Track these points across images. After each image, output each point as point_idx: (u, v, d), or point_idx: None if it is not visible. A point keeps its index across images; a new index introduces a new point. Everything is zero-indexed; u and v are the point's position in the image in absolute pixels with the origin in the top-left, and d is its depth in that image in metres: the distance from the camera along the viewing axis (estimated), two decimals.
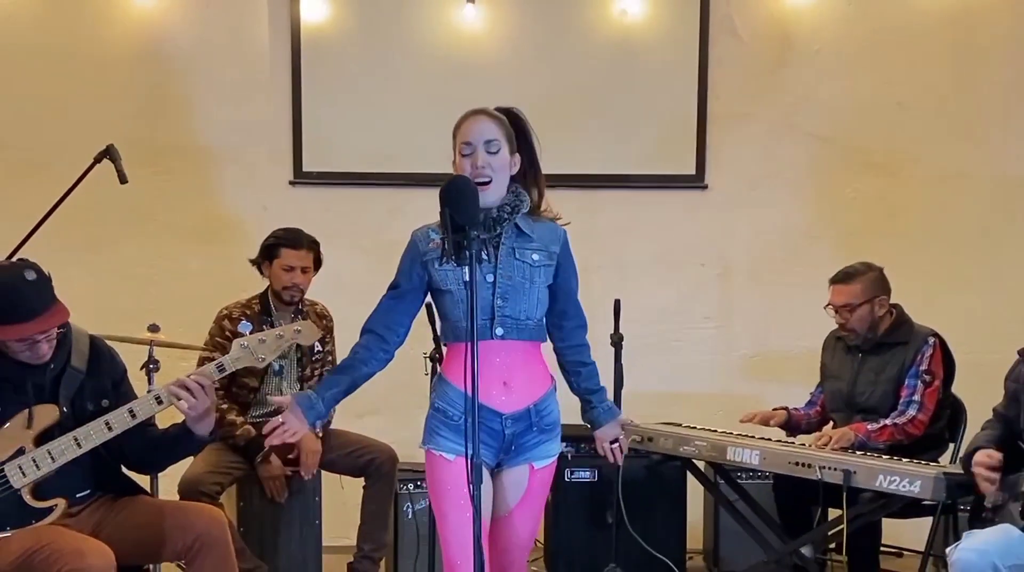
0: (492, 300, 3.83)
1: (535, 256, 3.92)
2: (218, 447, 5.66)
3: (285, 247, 5.74)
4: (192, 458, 5.58)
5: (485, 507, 3.76)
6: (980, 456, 4.24)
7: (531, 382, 3.94)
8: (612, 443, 4.30)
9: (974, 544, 4.06)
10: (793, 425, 5.73)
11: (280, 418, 3.92)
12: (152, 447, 4.47)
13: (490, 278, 3.83)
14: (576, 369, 4.12)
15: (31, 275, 4.17)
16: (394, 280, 3.99)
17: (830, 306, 5.65)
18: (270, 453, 5.64)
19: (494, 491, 3.95)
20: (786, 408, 5.84)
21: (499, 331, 3.84)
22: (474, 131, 3.85)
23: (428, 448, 3.93)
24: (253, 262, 5.81)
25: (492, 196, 3.83)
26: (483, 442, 3.70)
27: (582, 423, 6.25)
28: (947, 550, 4.17)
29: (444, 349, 4.11)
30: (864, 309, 5.55)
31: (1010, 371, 4.42)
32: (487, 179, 3.80)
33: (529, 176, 3.97)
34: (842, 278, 5.59)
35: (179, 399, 4.25)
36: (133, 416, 4.29)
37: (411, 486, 6.03)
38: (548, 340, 4.07)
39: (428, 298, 4.06)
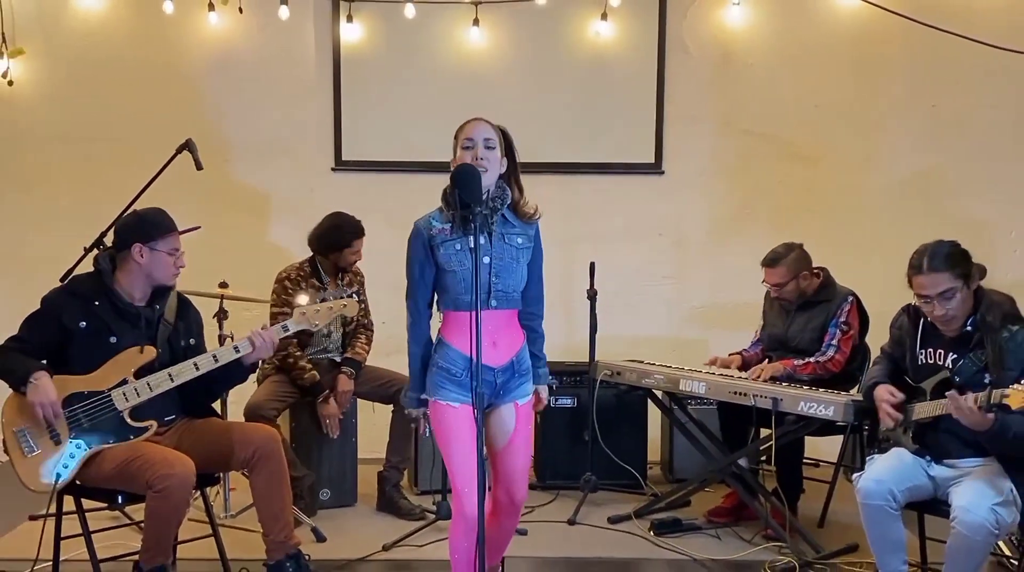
0: (488, 277, 3.83)
1: (519, 240, 3.93)
2: (275, 380, 5.70)
3: (355, 238, 5.77)
4: (255, 388, 5.64)
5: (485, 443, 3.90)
6: (883, 392, 4.25)
7: (512, 340, 3.97)
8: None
9: (873, 474, 4.07)
10: (746, 364, 5.73)
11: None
12: (213, 379, 4.49)
13: (486, 260, 3.82)
14: (530, 333, 4.06)
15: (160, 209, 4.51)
16: (411, 270, 3.96)
17: (765, 282, 5.67)
18: (329, 396, 5.71)
19: (491, 428, 3.98)
20: (740, 353, 5.83)
21: (493, 302, 3.86)
22: (476, 131, 3.86)
23: (435, 399, 3.93)
24: (318, 249, 5.81)
25: (487, 182, 3.82)
26: (471, 388, 3.77)
27: (565, 360, 6.34)
28: (854, 477, 4.18)
29: (442, 316, 4.03)
30: (791, 285, 5.55)
31: (894, 319, 4.42)
32: (484, 169, 3.79)
33: (512, 177, 3.98)
34: (770, 262, 5.57)
35: (252, 349, 4.37)
36: (216, 361, 4.38)
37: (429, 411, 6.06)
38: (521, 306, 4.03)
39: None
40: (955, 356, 4.07)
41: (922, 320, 4.21)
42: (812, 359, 5.44)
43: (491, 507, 4.05)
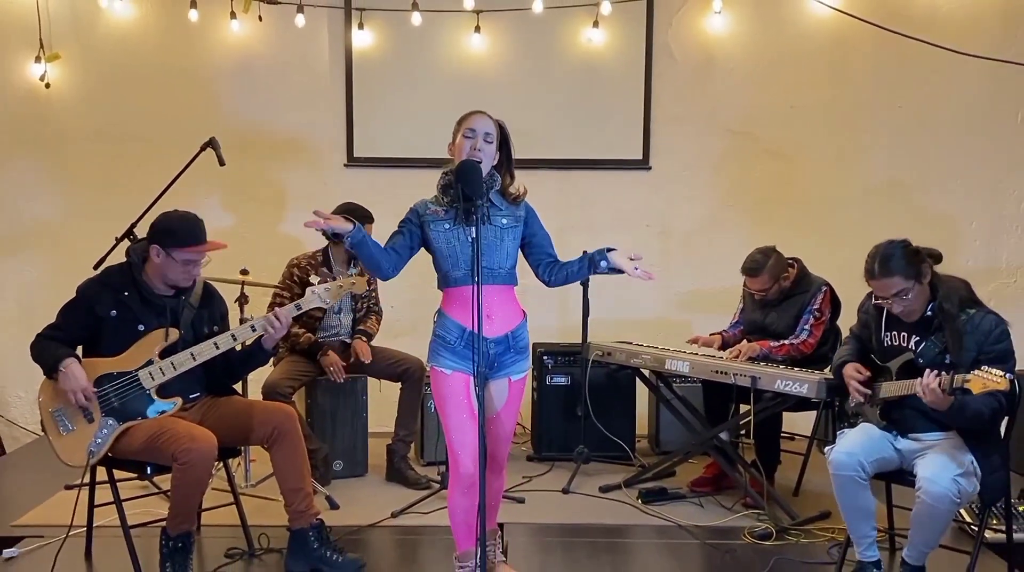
0: (473, 254, 3.79)
1: (504, 221, 3.93)
2: (290, 360, 5.68)
3: (364, 223, 5.69)
4: (272, 368, 5.62)
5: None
6: (851, 370, 4.22)
7: (508, 315, 3.94)
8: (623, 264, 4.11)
9: (844, 447, 4.05)
10: (725, 344, 5.70)
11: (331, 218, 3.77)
12: (235, 362, 4.53)
13: (470, 238, 3.80)
14: (560, 265, 4.09)
15: (199, 216, 4.39)
16: (397, 229, 3.98)
17: (747, 288, 5.63)
18: (327, 349, 5.67)
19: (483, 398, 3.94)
20: (721, 333, 5.80)
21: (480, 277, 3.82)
22: (479, 123, 3.88)
23: (432, 365, 3.93)
24: (331, 235, 5.74)
25: (483, 168, 3.85)
26: (471, 359, 3.83)
27: (559, 341, 6.33)
28: (826, 449, 4.16)
29: (440, 293, 4.05)
30: (774, 289, 5.51)
31: (861, 303, 4.39)
32: (479, 160, 3.82)
33: (505, 166, 3.99)
34: (752, 272, 5.48)
35: (269, 329, 4.35)
36: (234, 339, 4.38)
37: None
38: (518, 283, 4.02)
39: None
40: (918, 338, 4.06)
41: (885, 308, 4.19)
42: (787, 341, 5.41)
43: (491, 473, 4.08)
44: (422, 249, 3.99)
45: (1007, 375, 3.59)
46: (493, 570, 4.27)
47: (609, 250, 4.07)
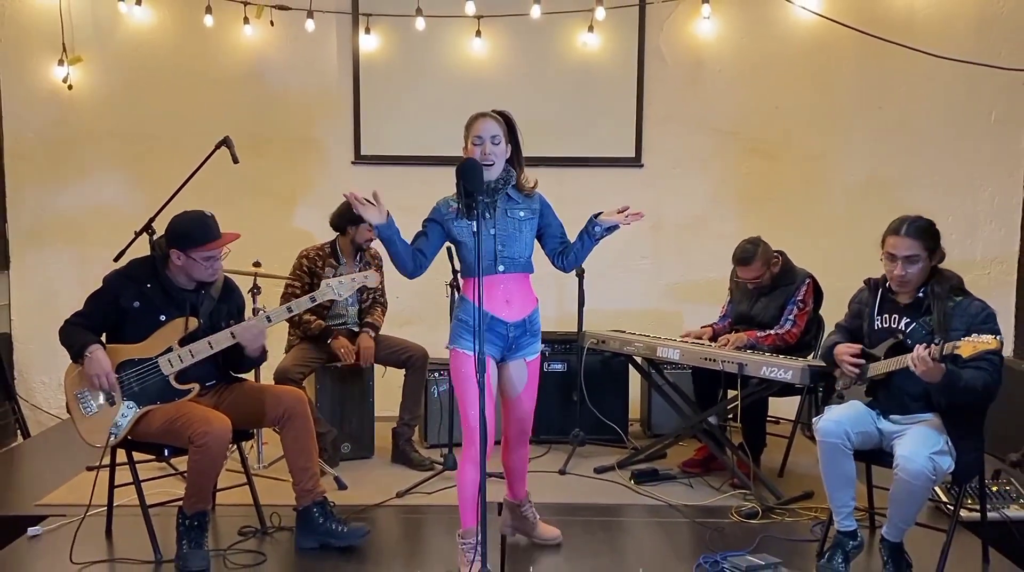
0: (495, 246, 3.98)
1: (521, 213, 4.07)
2: (301, 347, 5.67)
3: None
4: (284, 354, 5.61)
5: (496, 391, 4.13)
6: (842, 348, 4.22)
7: (525, 301, 4.09)
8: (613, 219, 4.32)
9: (832, 416, 4.07)
10: (716, 336, 5.68)
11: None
12: (240, 355, 4.49)
13: (492, 232, 3.98)
14: (567, 249, 4.27)
15: (208, 213, 4.34)
16: (422, 228, 4.07)
17: (740, 278, 5.62)
18: (336, 334, 5.67)
19: (504, 380, 4.15)
20: (711, 326, 5.78)
21: (501, 267, 4.00)
22: (484, 128, 3.96)
23: (453, 347, 4.03)
24: (337, 226, 5.76)
25: (494, 173, 3.98)
26: (492, 342, 4.02)
27: (556, 330, 6.33)
28: (813, 420, 4.17)
29: (462, 281, 4.21)
30: (765, 277, 5.51)
31: (855, 295, 4.39)
32: (491, 162, 3.95)
33: (515, 159, 4.08)
34: (744, 261, 5.48)
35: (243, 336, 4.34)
36: (233, 337, 4.35)
37: (436, 374, 6.10)
38: (534, 271, 4.14)
39: (449, 245, 4.18)
40: (908, 320, 4.08)
41: (880, 290, 4.21)
42: (772, 331, 5.40)
43: (506, 444, 4.33)
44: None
45: (996, 336, 3.65)
46: (534, 528, 4.51)
47: (596, 215, 4.26)
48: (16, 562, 4.30)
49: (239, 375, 4.65)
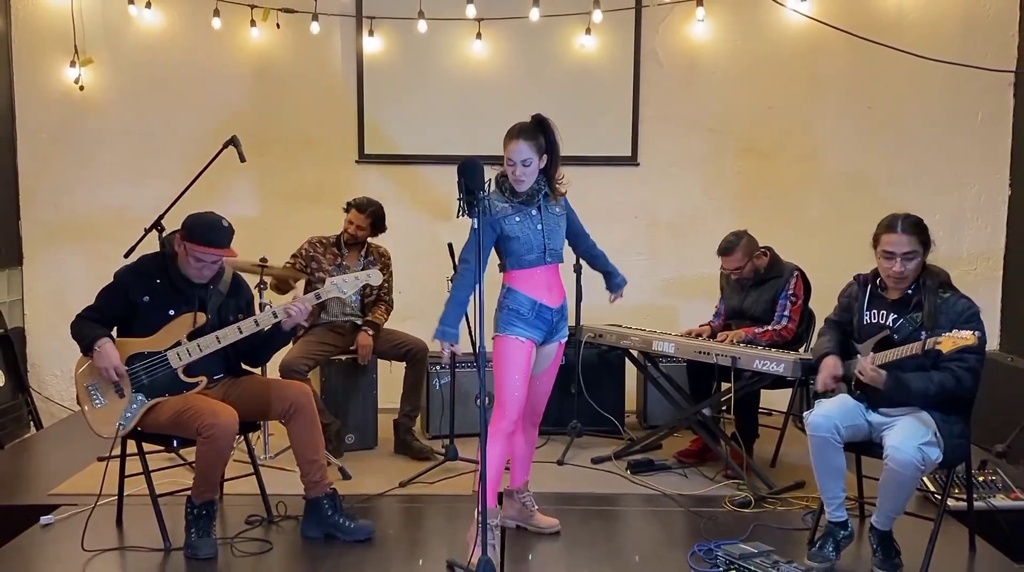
0: (543, 240, 4.15)
1: (557, 210, 4.25)
2: (306, 340, 5.68)
3: (354, 210, 5.76)
4: (289, 348, 5.60)
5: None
6: (829, 363, 4.20)
7: (561, 288, 4.28)
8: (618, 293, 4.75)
9: (822, 411, 4.06)
10: (713, 334, 5.67)
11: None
12: (258, 345, 4.52)
13: (539, 227, 4.15)
14: (599, 260, 4.65)
15: (225, 223, 4.31)
16: (471, 237, 4.04)
17: (724, 269, 5.63)
18: (362, 330, 5.74)
19: (539, 358, 4.31)
20: (709, 324, 5.76)
21: (548, 258, 4.18)
22: (515, 152, 4.09)
23: (504, 334, 4.13)
24: (345, 210, 5.82)
25: (525, 187, 4.12)
26: (538, 327, 4.20)
27: None
28: (804, 414, 4.16)
29: (506, 274, 4.25)
30: (748, 267, 5.51)
31: (844, 289, 4.39)
32: (522, 182, 4.09)
33: (551, 168, 4.21)
34: (726, 251, 5.51)
35: (288, 316, 4.36)
36: (257, 325, 4.38)
37: (437, 368, 6.10)
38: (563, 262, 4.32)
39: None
40: (895, 316, 4.07)
41: (870, 286, 4.21)
42: (769, 328, 5.40)
43: (518, 428, 4.31)
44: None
45: (975, 332, 3.67)
46: (532, 517, 4.53)
47: (619, 284, 4.73)
48: (29, 549, 4.30)
49: (249, 368, 4.64)
